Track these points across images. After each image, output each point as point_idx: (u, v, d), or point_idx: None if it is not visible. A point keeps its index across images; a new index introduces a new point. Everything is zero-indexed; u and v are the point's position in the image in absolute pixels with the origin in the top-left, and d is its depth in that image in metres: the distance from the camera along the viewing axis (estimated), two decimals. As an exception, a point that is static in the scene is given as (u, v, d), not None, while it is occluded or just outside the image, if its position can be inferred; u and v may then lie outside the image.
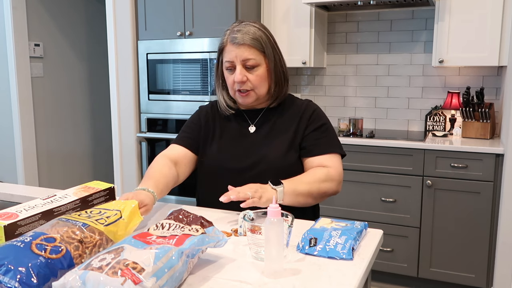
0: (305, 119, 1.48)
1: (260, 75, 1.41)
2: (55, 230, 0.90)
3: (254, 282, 0.92)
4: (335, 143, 1.48)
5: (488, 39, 2.62)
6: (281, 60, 1.47)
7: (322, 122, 1.49)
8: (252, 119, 1.52)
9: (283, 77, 1.47)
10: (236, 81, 1.40)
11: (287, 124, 1.48)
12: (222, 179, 1.42)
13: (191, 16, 2.98)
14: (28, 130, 3.73)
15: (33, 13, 3.71)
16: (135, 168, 3.33)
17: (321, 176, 1.38)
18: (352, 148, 2.72)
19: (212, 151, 1.50)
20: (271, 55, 1.41)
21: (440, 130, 2.89)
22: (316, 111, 1.50)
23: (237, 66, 1.40)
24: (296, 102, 1.54)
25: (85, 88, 4.28)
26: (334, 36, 3.30)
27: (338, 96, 3.34)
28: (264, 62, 1.41)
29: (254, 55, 1.39)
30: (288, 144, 1.45)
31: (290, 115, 1.49)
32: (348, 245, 1.04)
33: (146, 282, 0.76)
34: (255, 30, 1.40)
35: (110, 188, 1.32)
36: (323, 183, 1.37)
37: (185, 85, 3.04)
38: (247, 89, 1.42)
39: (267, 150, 1.45)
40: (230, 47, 1.40)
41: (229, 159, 1.46)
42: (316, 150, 1.44)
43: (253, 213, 1.07)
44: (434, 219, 2.61)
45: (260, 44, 1.39)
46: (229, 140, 1.50)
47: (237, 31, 1.40)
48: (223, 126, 1.53)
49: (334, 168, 1.42)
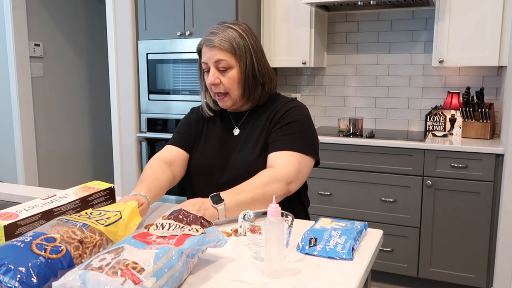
0: (277, 117, 1.44)
1: (233, 78, 1.40)
2: (55, 230, 0.91)
3: (254, 282, 0.92)
4: (302, 142, 1.39)
5: (488, 39, 2.62)
6: (257, 62, 1.43)
7: (293, 120, 1.42)
8: (237, 122, 1.52)
9: (256, 80, 1.43)
10: (208, 82, 1.41)
11: (262, 126, 1.46)
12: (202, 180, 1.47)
13: (191, 16, 2.98)
14: (28, 130, 3.74)
15: (33, 13, 3.71)
16: (135, 168, 3.33)
17: (265, 178, 1.30)
18: (352, 148, 2.72)
19: (197, 153, 1.52)
20: (243, 57, 1.39)
21: (440, 130, 2.89)
22: (291, 109, 1.44)
23: (210, 68, 1.40)
24: (279, 101, 1.49)
25: (85, 88, 4.28)
26: (334, 36, 3.30)
27: (338, 96, 3.34)
28: (237, 65, 1.40)
29: (225, 57, 1.38)
30: (259, 149, 1.43)
31: (266, 116, 1.47)
32: (348, 245, 1.04)
33: (146, 282, 0.76)
34: (230, 32, 1.39)
35: (110, 188, 1.32)
36: (268, 186, 1.29)
37: (185, 85, 3.04)
38: (222, 92, 1.42)
39: (239, 155, 1.44)
40: (204, 48, 1.41)
41: (210, 162, 1.48)
42: (274, 146, 1.39)
43: (253, 213, 1.07)
44: (434, 219, 2.61)
45: (232, 46, 1.38)
46: (213, 143, 1.51)
47: (212, 33, 1.40)
48: (210, 128, 1.54)
49: (283, 167, 1.33)
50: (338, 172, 2.77)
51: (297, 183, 1.36)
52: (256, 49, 1.43)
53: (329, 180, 2.79)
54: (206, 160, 1.49)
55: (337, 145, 2.74)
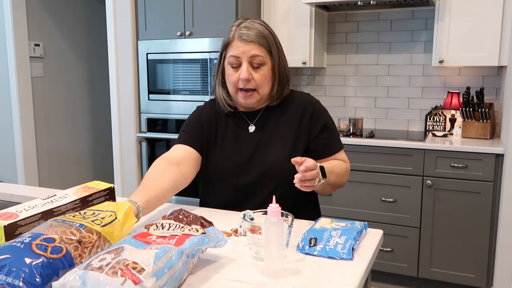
0: (307, 119, 1.46)
1: (265, 75, 1.39)
2: (53, 230, 0.90)
3: (254, 282, 0.92)
4: (339, 137, 1.54)
5: (488, 39, 2.62)
6: (284, 60, 1.46)
7: (324, 120, 1.48)
8: (251, 119, 1.48)
9: (286, 78, 1.45)
10: (241, 78, 1.36)
11: (288, 124, 1.46)
12: (225, 182, 1.44)
13: (191, 16, 2.98)
14: (28, 130, 3.74)
15: (33, 13, 3.71)
16: (135, 168, 3.33)
17: (344, 170, 1.46)
18: (352, 148, 2.72)
19: (215, 155, 1.46)
20: (276, 55, 1.40)
21: (440, 130, 2.89)
22: (316, 108, 1.49)
23: (243, 63, 1.37)
24: (295, 98, 1.50)
25: (85, 88, 4.28)
26: (334, 36, 3.30)
27: (338, 96, 3.34)
28: (269, 62, 1.40)
29: (261, 53, 1.37)
30: (290, 147, 1.43)
31: (290, 114, 1.47)
32: (348, 245, 1.04)
33: (146, 282, 0.76)
34: (263, 28, 1.39)
35: (110, 188, 1.32)
36: (344, 177, 1.46)
37: (185, 85, 3.04)
38: (251, 88, 1.39)
39: (269, 153, 1.42)
40: (237, 42, 1.36)
41: (232, 162, 1.44)
42: (329, 151, 1.48)
43: (253, 213, 1.07)
44: (434, 219, 2.61)
45: (268, 43, 1.38)
46: (230, 142, 1.47)
47: (245, 27, 1.37)
48: (224, 128, 1.49)
49: (348, 163, 1.51)
50: (338, 172, 2.77)
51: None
52: (281, 47, 1.45)
53: (329, 180, 2.79)
54: (228, 161, 1.45)
55: (337, 145, 2.74)
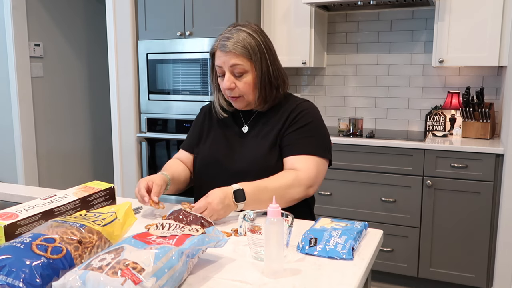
0: (290, 118, 1.46)
1: (248, 83, 1.41)
2: (53, 231, 0.90)
3: (254, 282, 0.92)
4: (317, 145, 1.43)
5: (488, 39, 2.62)
6: (274, 65, 1.45)
7: (307, 122, 1.45)
8: (246, 120, 1.53)
9: (272, 84, 1.44)
10: (224, 87, 1.42)
11: (274, 125, 1.47)
12: (210, 175, 1.49)
13: (191, 16, 2.98)
14: (28, 130, 3.74)
15: (33, 13, 3.71)
16: (135, 168, 3.33)
17: (288, 181, 1.34)
18: (352, 148, 2.72)
19: (204, 149, 1.54)
20: (258, 62, 1.40)
21: (440, 130, 2.89)
22: (304, 112, 1.46)
23: (226, 72, 1.41)
24: (291, 102, 1.51)
25: (85, 88, 4.28)
26: (334, 36, 3.30)
27: (338, 96, 3.34)
28: (252, 69, 1.40)
29: (241, 61, 1.38)
30: (270, 144, 1.44)
31: (280, 116, 1.48)
32: (348, 245, 1.04)
33: (146, 282, 0.76)
34: (245, 36, 1.39)
35: (110, 188, 1.32)
36: (289, 189, 1.34)
37: (185, 85, 3.04)
38: (237, 96, 1.43)
39: (250, 151, 1.46)
40: (218, 52, 1.41)
41: (218, 157, 1.49)
42: (292, 150, 1.42)
43: (253, 213, 1.07)
44: (434, 219, 2.61)
45: (248, 51, 1.38)
46: (221, 139, 1.53)
47: (227, 38, 1.39)
48: (219, 125, 1.56)
49: (304, 171, 1.37)
50: (338, 172, 2.77)
51: (316, 186, 1.41)
52: (269, 51, 1.44)
53: (329, 180, 2.79)
54: (213, 151, 1.51)
55: (337, 145, 2.74)
